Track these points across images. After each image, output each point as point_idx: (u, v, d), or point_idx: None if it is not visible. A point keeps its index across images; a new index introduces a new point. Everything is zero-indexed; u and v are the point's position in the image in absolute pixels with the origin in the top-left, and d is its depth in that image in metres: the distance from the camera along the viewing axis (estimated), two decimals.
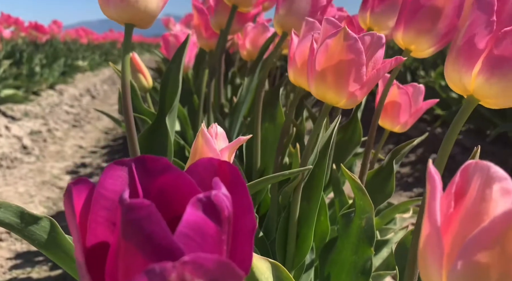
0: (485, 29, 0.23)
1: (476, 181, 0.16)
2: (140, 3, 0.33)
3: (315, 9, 0.44)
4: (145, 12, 0.33)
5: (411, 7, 0.38)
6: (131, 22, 0.34)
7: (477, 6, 0.23)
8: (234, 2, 0.53)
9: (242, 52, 0.70)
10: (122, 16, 0.33)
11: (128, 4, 0.32)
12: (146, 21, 0.34)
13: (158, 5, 0.34)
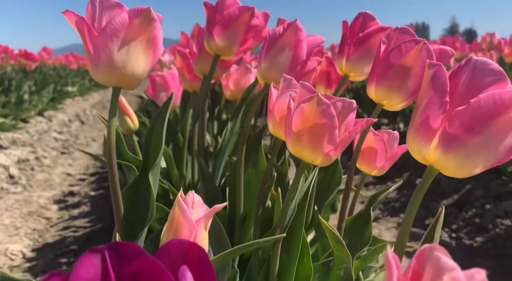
0: (439, 109, 0.25)
1: (428, 270, 0.17)
2: (128, 69, 0.34)
3: (296, 64, 0.46)
4: (133, 76, 0.35)
5: (382, 66, 0.40)
6: (118, 86, 0.36)
7: (432, 85, 0.26)
8: (216, 52, 0.55)
9: (225, 92, 0.72)
10: (110, 80, 0.35)
11: (116, 70, 0.34)
12: (134, 84, 0.36)
13: (145, 69, 0.36)
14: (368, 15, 0.55)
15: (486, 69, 0.24)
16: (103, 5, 0.34)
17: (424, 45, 0.38)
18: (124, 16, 0.33)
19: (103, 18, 0.34)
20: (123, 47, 0.33)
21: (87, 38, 0.34)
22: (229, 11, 0.53)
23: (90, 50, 0.34)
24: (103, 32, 0.33)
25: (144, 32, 0.34)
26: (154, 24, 0.35)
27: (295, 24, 0.45)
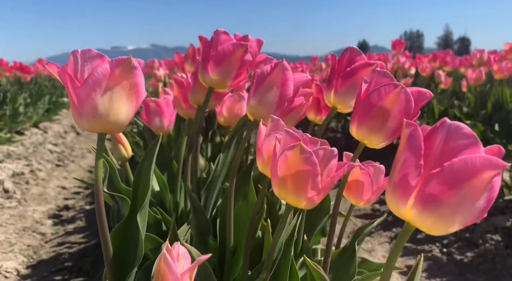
0: (414, 171, 0.26)
1: None
2: (111, 117, 0.36)
3: (283, 101, 0.48)
4: (116, 123, 0.36)
5: (363, 107, 0.42)
6: (103, 132, 0.37)
7: (408, 146, 0.27)
8: (210, 85, 0.56)
9: (219, 118, 0.74)
10: (95, 128, 0.36)
11: (99, 119, 0.35)
12: (118, 130, 0.37)
13: (128, 115, 0.37)
14: (355, 50, 0.57)
15: (459, 133, 0.26)
16: (85, 56, 0.35)
17: (402, 89, 0.39)
18: (106, 66, 0.35)
19: (85, 68, 0.35)
20: (105, 97, 0.34)
21: (70, 89, 0.35)
22: (223, 47, 0.55)
23: (74, 100, 0.35)
24: (86, 83, 0.34)
25: (126, 80, 0.35)
26: (135, 72, 0.36)
27: (282, 64, 0.47)
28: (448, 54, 2.04)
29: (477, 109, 1.56)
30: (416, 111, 0.41)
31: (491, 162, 0.24)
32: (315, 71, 3.51)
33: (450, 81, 1.91)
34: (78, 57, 0.35)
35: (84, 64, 0.35)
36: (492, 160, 0.24)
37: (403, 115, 0.40)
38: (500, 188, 1.23)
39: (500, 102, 1.54)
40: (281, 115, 0.50)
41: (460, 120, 1.65)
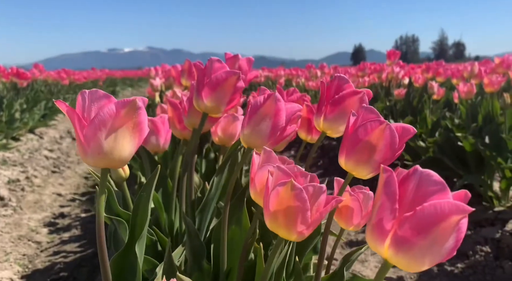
0: (390, 214, 0.28)
1: None
2: (115, 154, 0.38)
3: (275, 131, 0.50)
4: (120, 160, 0.38)
5: (351, 140, 0.44)
6: (107, 167, 0.39)
7: (384, 191, 0.29)
8: (205, 110, 0.59)
9: (214, 138, 0.76)
10: (100, 164, 0.38)
11: (104, 156, 0.37)
12: (121, 165, 0.39)
13: (131, 151, 0.39)
14: (342, 78, 0.60)
15: (429, 180, 0.28)
16: (92, 97, 0.38)
17: (387, 126, 0.42)
18: (112, 107, 0.37)
19: (92, 108, 0.37)
20: (110, 135, 0.37)
21: (78, 127, 0.37)
22: (217, 75, 0.57)
23: (80, 138, 0.37)
24: (92, 122, 0.36)
25: (130, 120, 0.38)
26: (139, 112, 0.38)
27: (275, 96, 0.49)
28: (441, 65, 2.07)
29: (468, 121, 1.60)
30: (401, 145, 0.44)
31: (458, 207, 0.27)
32: (310, 78, 3.54)
33: (443, 92, 1.94)
34: (86, 97, 0.38)
35: (92, 104, 0.37)
36: (459, 206, 0.27)
37: (388, 149, 0.43)
38: (490, 199, 1.26)
39: (490, 115, 1.57)
40: (273, 144, 0.52)
41: (452, 131, 1.69)
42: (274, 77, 5.01)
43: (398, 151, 0.44)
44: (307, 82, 3.20)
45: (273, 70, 5.62)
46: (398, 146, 0.43)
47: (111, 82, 8.05)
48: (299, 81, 3.67)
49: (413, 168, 0.30)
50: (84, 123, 0.37)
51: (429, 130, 1.89)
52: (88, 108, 0.38)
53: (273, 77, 5.09)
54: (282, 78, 4.37)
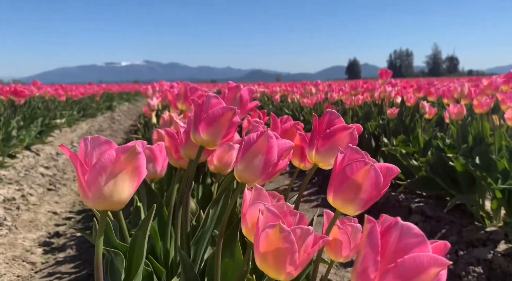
0: (373, 265, 0.30)
1: None
2: (115, 197, 0.40)
3: (268, 166, 0.52)
4: (119, 202, 0.40)
5: (338, 179, 0.46)
6: (107, 210, 0.41)
7: (368, 242, 0.32)
8: (201, 144, 0.61)
9: (210, 166, 0.78)
10: (99, 207, 0.40)
11: (105, 199, 0.39)
12: (120, 207, 0.41)
13: (130, 193, 0.41)
14: (333, 113, 0.63)
15: (410, 232, 0.31)
16: (94, 143, 0.40)
17: (371, 167, 0.44)
18: (112, 152, 0.39)
19: (93, 154, 0.40)
20: (110, 180, 0.39)
21: (80, 172, 0.39)
22: (214, 111, 0.60)
23: (82, 182, 0.39)
24: (93, 168, 0.39)
25: (130, 164, 0.40)
26: (138, 156, 0.40)
27: (267, 133, 0.52)
28: (432, 85, 2.12)
29: (459, 141, 1.63)
30: (385, 184, 0.46)
31: (437, 261, 0.29)
32: (305, 95, 3.59)
33: (434, 111, 1.98)
34: (88, 143, 0.40)
35: (93, 150, 0.40)
36: (437, 259, 0.29)
37: (373, 188, 0.45)
38: (482, 219, 1.28)
39: (480, 135, 1.61)
40: (265, 179, 0.54)
41: (443, 151, 1.72)
42: (270, 93, 5.06)
43: (383, 189, 0.46)
44: (302, 99, 3.25)
45: (269, 85, 5.68)
46: (382, 185, 0.45)
47: (108, 97, 8.09)
48: (294, 98, 3.72)
49: (395, 220, 0.32)
50: (86, 168, 0.39)
51: (422, 149, 1.92)
52: (90, 154, 0.40)
53: (268, 93, 5.14)
54: (278, 94, 4.42)
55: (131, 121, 6.85)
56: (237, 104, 0.92)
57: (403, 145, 1.98)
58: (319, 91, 3.51)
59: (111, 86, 11.77)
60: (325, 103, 3.20)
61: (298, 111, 3.49)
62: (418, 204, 1.74)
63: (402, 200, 1.84)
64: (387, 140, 2.10)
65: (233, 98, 0.93)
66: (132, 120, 7.12)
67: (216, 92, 10.93)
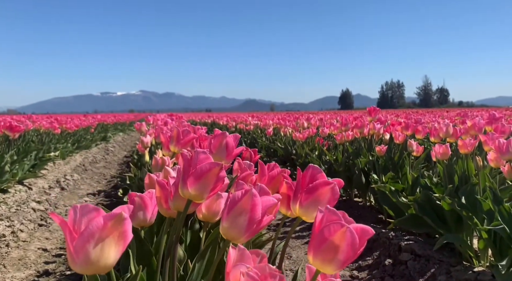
0: None
1: None
2: (101, 262, 0.42)
3: (252, 224, 0.55)
4: (105, 267, 0.43)
5: (317, 239, 0.49)
6: (94, 274, 0.43)
7: None
8: (189, 197, 0.64)
9: (198, 214, 0.80)
10: (87, 272, 0.42)
11: (92, 265, 0.42)
12: (106, 271, 0.44)
13: (116, 258, 0.44)
14: (316, 168, 0.66)
15: None
16: (83, 211, 0.43)
17: (347, 229, 0.47)
18: (100, 220, 0.42)
19: (82, 221, 0.42)
20: (97, 246, 0.41)
21: (68, 239, 0.42)
22: (202, 166, 0.63)
23: (70, 249, 0.42)
24: (81, 235, 0.41)
25: (116, 230, 0.42)
26: (125, 222, 0.43)
27: (251, 192, 0.55)
28: (420, 123, 2.19)
29: (445, 180, 1.67)
30: (362, 244, 0.49)
31: None
32: (297, 128, 3.66)
33: (422, 149, 2.03)
34: (77, 211, 0.43)
35: (82, 217, 0.42)
36: None
37: (350, 249, 0.48)
38: (470, 258, 1.30)
39: (466, 175, 1.65)
40: (250, 235, 0.57)
41: (431, 189, 1.75)
42: (263, 125, 5.13)
43: (359, 249, 0.49)
44: (295, 132, 3.31)
45: (262, 118, 5.76)
46: (358, 245, 0.48)
47: (103, 128, 8.13)
48: (286, 131, 3.78)
49: None
50: (75, 235, 0.42)
51: (410, 186, 1.95)
52: (78, 221, 0.42)
53: (262, 125, 5.21)
54: (271, 127, 4.49)
55: (125, 152, 6.85)
56: (224, 151, 0.96)
57: (392, 182, 2.02)
58: (311, 125, 3.57)
59: (106, 117, 11.85)
60: (316, 137, 3.26)
61: (290, 145, 3.55)
62: (407, 242, 1.76)
63: (392, 237, 1.85)
64: (377, 176, 2.13)
65: (219, 145, 0.97)
66: (127, 151, 7.12)
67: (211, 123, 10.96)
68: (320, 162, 2.83)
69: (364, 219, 2.34)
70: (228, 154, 0.94)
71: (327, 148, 2.96)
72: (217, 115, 15.99)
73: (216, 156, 0.93)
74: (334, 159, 2.62)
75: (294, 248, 2.10)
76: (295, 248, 2.09)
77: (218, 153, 0.94)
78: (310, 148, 3.15)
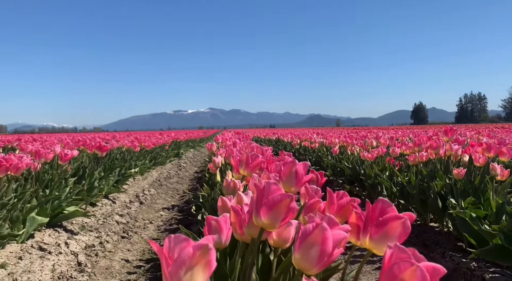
0: None
1: None
2: None
3: (323, 256, 0.58)
4: None
5: (387, 276, 0.50)
6: None
7: None
8: (262, 226, 0.69)
9: (269, 241, 0.84)
10: None
11: None
12: None
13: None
14: (386, 201, 0.67)
15: None
16: (176, 240, 0.49)
17: (417, 267, 0.48)
18: (189, 249, 0.48)
19: (175, 249, 0.49)
20: (188, 272, 0.47)
21: (164, 265, 0.48)
22: (273, 197, 0.68)
23: (166, 273, 0.48)
24: (175, 262, 0.47)
25: (203, 259, 0.48)
26: (210, 252, 0.49)
27: (322, 226, 0.58)
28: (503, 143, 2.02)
29: None
30: None
31: None
32: (366, 147, 3.57)
33: (507, 173, 1.88)
34: (171, 240, 0.49)
35: (175, 246, 0.49)
36: None
37: None
38: None
39: None
40: (322, 267, 0.60)
41: None
42: (329, 143, 5.06)
43: None
44: (363, 152, 3.23)
45: (328, 136, 5.70)
46: None
47: (176, 145, 8.66)
48: (354, 150, 3.69)
49: None
50: (169, 262, 0.49)
51: (494, 213, 1.81)
52: (172, 249, 0.49)
53: (327, 144, 5.14)
54: (337, 146, 4.42)
55: (196, 168, 7.21)
56: (293, 179, 1.00)
57: (473, 208, 1.88)
58: (380, 144, 3.46)
59: (179, 134, 12.59)
60: (387, 157, 3.15)
61: (358, 165, 3.46)
62: (493, 274, 1.62)
63: (475, 268, 1.72)
64: (455, 201, 2.01)
65: (289, 173, 1.00)
66: (197, 166, 7.49)
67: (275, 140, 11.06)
68: (391, 183, 2.72)
69: (441, 246, 2.20)
70: (297, 182, 0.98)
71: (398, 169, 2.84)
72: (281, 131, 16.10)
73: (286, 183, 0.97)
74: (407, 181, 2.51)
75: (364, 273, 2.04)
76: (365, 274, 2.03)
77: (287, 181, 0.98)
78: (380, 169, 3.05)
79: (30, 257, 1.97)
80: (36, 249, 2.08)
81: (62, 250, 2.16)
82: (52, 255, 2.07)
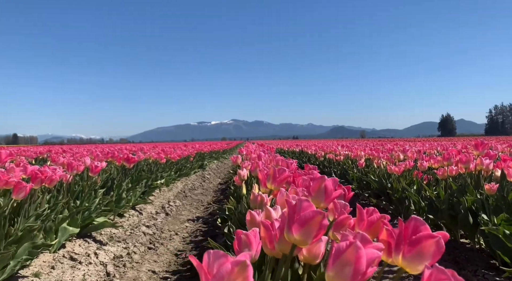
0: None
1: None
2: None
3: (356, 275, 0.58)
4: None
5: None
6: None
7: None
8: (294, 242, 0.69)
9: (299, 256, 0.85)
10: None
11: None
12: None
13: None
14: (419, 220, 0.67)
15: None
16: (215, 256, 0.51)
17: None
18: (228, 265, 0.49)
19: (214, 265, 0.51)
20: None
21: (203, 279, 0.50)
22: (305, 213, 0.69)
23: None
24: (214, 277, 0.49)
25: (241, 275, 0.50)
26: (248, 268, 0.50)
27: (356, 244, 0.58)
28: None
29: None
30: None
31: None
32: (392, 161, 3.51)
33: None
34: (211, 256, 0.51)
35: (214, 261, 0.51)
36: None
37: None
38: None
39: None
40: None
41: None
42: (354, 156, 5.00)
43: None
44: (389, 165, 3.17)
45: (353, 148, 5.63)
46: None
47: (200, 156, 8.77)
48: (380, 163, 3.64)
49: None
50: (209, 277, 0.50)
51: None
52: (211, 265, 0.51)
53: (352, 156, 5.08)
54: (362, 158, 4.36)
55: (219, 179, 7.26)
56: (322, 195, 1.00)
57: (507, 225, 1.82)
58: (407, 158, 3.39)
59: (203, 146, 12.74)
60: (414, 170, 3.09)
61: (385, 178, 3.40)
62: None
63: None
64: (487, 217, 1.94)
65: (318, 189, 1.01)
66: (221, 178, 7.54)
67: (299, 152, 11.01)
68: (419, 197, 2.66)
69: (473, 264, 2.12)
70: (326, 197, 0.98)
71: (427, 183, 2.78)
72: (304, 143, 16.02)
73: (315, 199, 0.98)
74: (436, 195, 2.45)
75: None
76: None
77: (317, 197, 0.98)
78: (407, 182, 2.99)
79: (62, 266, 2.03)
80: (67, 259, 2.15)
81: (92, 260, 2.21)
82: (82, 265, 2.13)
